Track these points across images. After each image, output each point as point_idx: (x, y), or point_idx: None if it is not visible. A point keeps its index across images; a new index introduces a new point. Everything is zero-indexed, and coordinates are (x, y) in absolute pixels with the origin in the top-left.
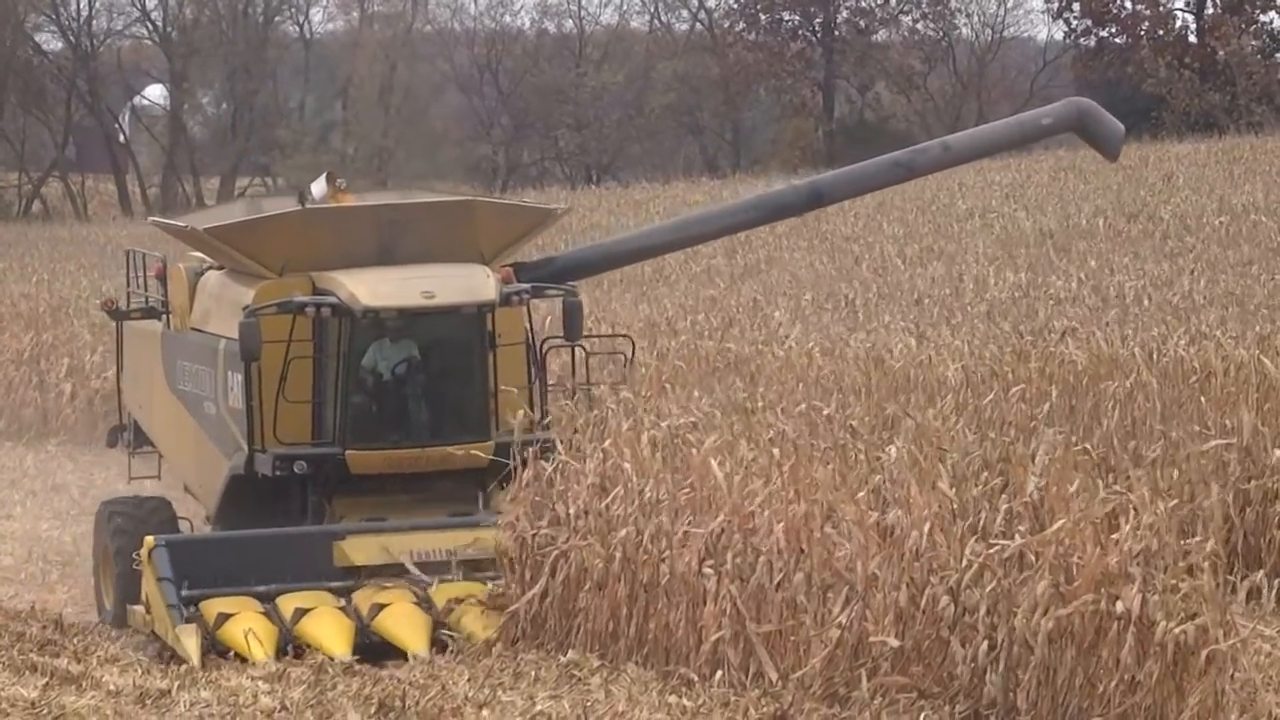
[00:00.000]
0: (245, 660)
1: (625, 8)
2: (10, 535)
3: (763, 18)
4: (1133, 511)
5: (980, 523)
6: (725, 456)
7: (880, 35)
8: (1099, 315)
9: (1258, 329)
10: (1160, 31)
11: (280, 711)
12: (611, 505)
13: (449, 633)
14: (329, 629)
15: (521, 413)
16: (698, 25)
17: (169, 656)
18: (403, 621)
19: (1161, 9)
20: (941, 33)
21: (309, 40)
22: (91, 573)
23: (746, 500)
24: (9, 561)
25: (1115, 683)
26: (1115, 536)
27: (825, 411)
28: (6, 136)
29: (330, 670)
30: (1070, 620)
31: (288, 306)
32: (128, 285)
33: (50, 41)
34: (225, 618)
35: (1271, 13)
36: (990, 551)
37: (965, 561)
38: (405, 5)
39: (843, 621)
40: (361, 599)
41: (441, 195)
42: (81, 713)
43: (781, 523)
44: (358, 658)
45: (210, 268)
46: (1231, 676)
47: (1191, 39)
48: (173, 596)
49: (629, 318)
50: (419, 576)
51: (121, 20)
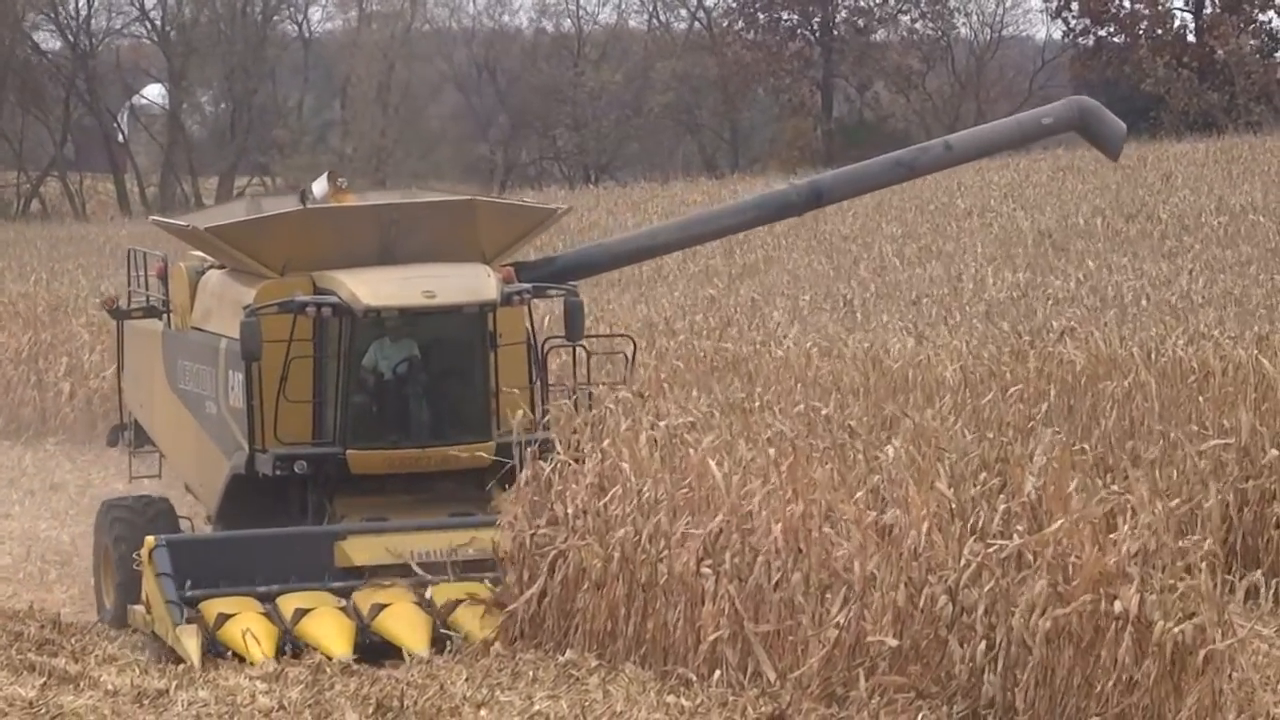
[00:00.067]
0: (243, 660)
1: (623, 7)
2: (8, 534)
3: (761, 17)
4: (1131, 511)
5: (978, 523)
6: (723, 456)
7: (879, 35)
8: (1097, 315)
9: (1256, 329)
10: (1159, 31)
11: (278, 711)
12: (610, 505)
13: (447, 632)
14: (329, 629)
15: (520, 413)
16: (696, 24)
17: (167, 656)
18: (403, 622)
19: (1160, 8)
20: (940, 32)
21: (307, 40)
22: (89, 572)
23: (745, 500)
24: (7, 561)
25: (1113, 682)
26: (1113, 536)
27: (823, 411)
28: (5, 135)
29: (328, 670)
30: (1068, 620)
31: (289, 306)
32: (129, 284)
33: (49, 40)
34: (225, 618)
35: (1270, 12)
36: (988, 551)
37: (963, 561)
38: (403, 4)
39: (841, 621)
40: (362, 599)
41: (443, 195)
42: (79, 712)
43: (779, 522)
44: (356, 657)
45: (211, 267)
46: (1229, 676)
47: (1190, 38)
48: (173, 596)
49: (627, 317)
50: (426, 578)
51: (120, 19)
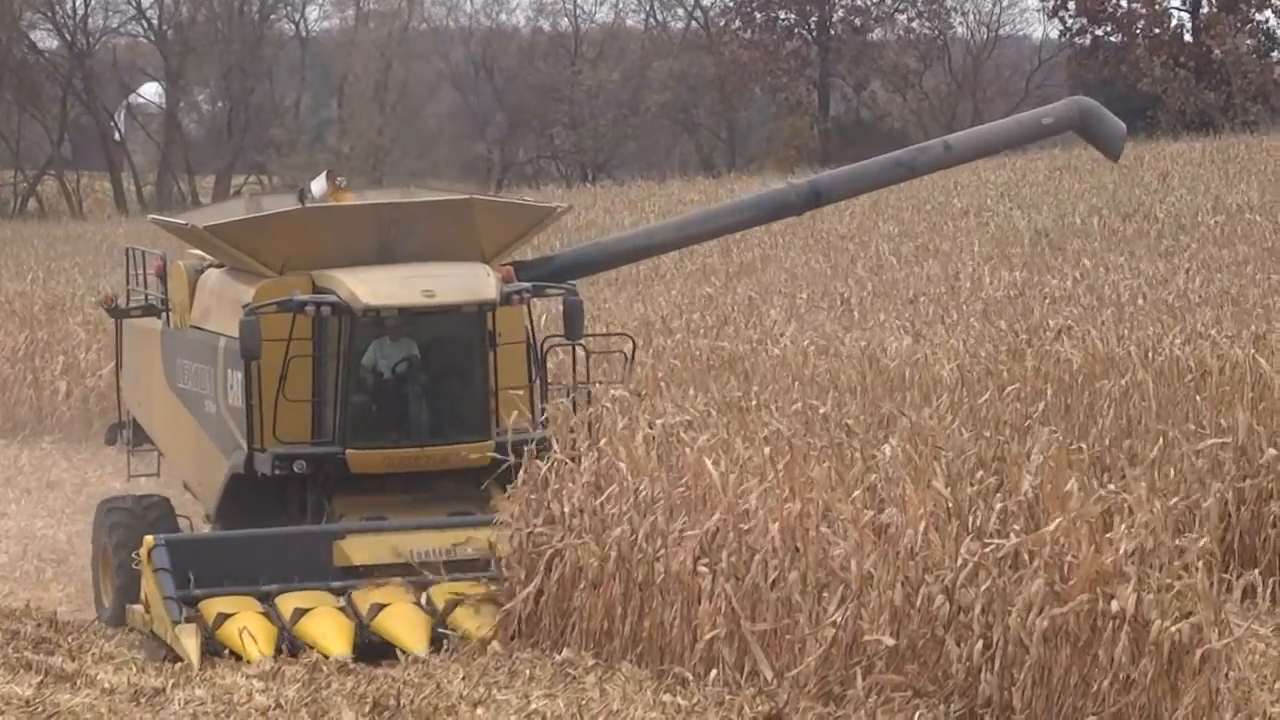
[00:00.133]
0: (241, 659)
1: (620, 6)
2: (5, 533)
3: (758, 16)
4: (1128, 511)
5: (975, 522)
6: (720, 455)
7: (876, 34)
8: (1094, 314)
9: (1253, 328)
10: (1156, 30)
11: (275, 709)
12: (606, 504)
13: (444, 631)
14: (329, 629)
15: (515, 413)
16: (693, 23)
17: (164, 655)
18: (402, 621)
19: (1157, 8)
20: (937, 31)
21: (304, 38)
22: (86, 570)
23: (741, 499)
24: (3, 559)
25: (1110, 682)
26: (1110, 536)
27: (820, 410)
28: (2, 134)
29: (325, 669)
30: (1065, 619)
31: (288, 305)
32: (127, 283)
33: (46, 39)
34: (224, 617)
35: (1267, 11)
36: (985, 550)
37: (960, 560)
38: (401, 3)
39: (838, 620)
40: (361, 599)
41: (442, 194)
42: (76, 711)
43: (776, 521)
44: (353, 657)
45: (210, 266)
46: (1226, 675)
47: (1187, 38)
48: (172, 596)
49: (624, 316)
50: (424, 578)
51: (117, 18)
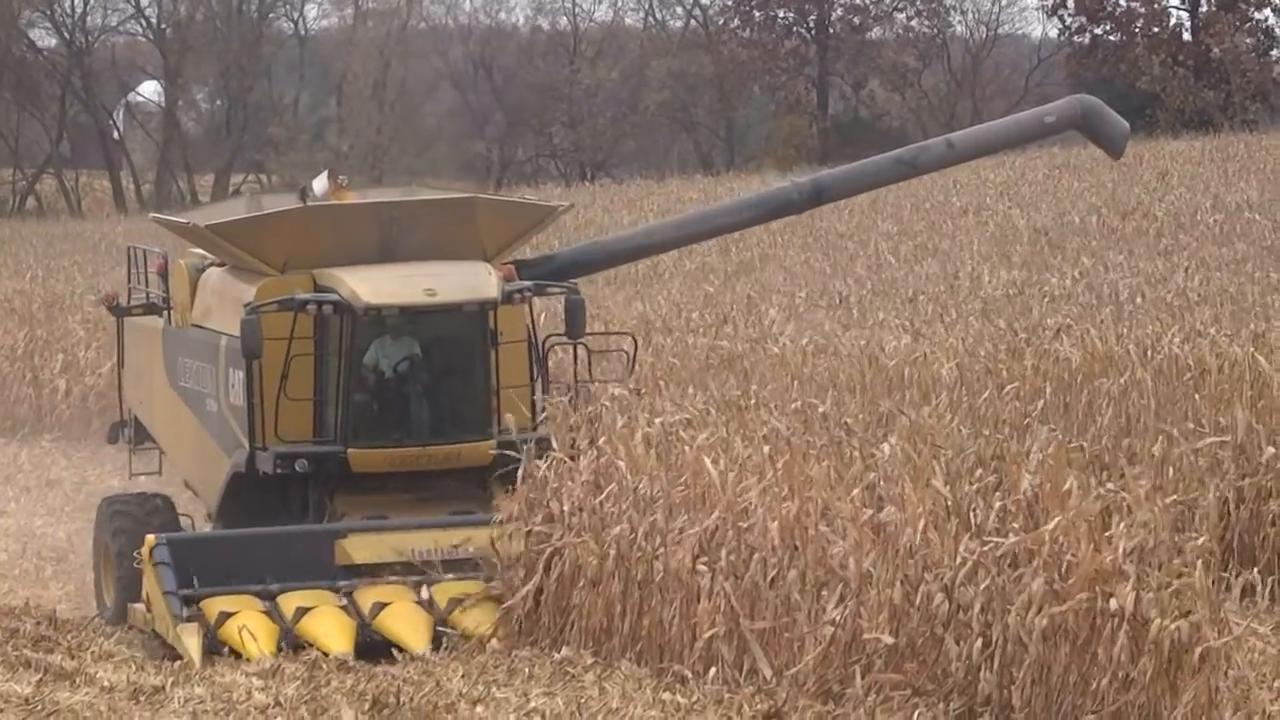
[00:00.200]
0: (240, 657)
1: (619, 5)
2: (4, 531)
3: (757, 15)
4: (1127, 509)
5: (974, 520)
6: (719, 454)
7: (874, 32)
8: (1093, 313)
9: (1252, 326)
10: (1155, 29)
11: (274, 707)
12: (606, 502)
13: (443, 630)
14: (330, 628)
15: (513, 414)
16: (692, 22)
17: (164, 653)
18: (403, 620)
19: (1156, 6)
20: (936, 30)
21: (303, 37)
22: (85, 568)
23: (740, 497)
24: (3, 557)
25: (1109, 680)
26: (1109, 534)
27: (820, 409)
28: (0, 133)
29: (324, 666)
30: (1064, 618)
31: (289, 304)
32: (128, 281)
33: (44, 38)
34: (226, 616)
35: (1266, 10)
36: (984, 549)
37: (959, 559)
38: (399, 2)
39: (837, 618)
40: (363, 598)
41: (443, 192)
42: (75, 709)
43: (776, 520)
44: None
45: (212, 264)
46: (1225, 674)
47: (1186, 36)
48: (174, 595)
49: (623, 315)
50: (423, 577)
51: (116, 17)
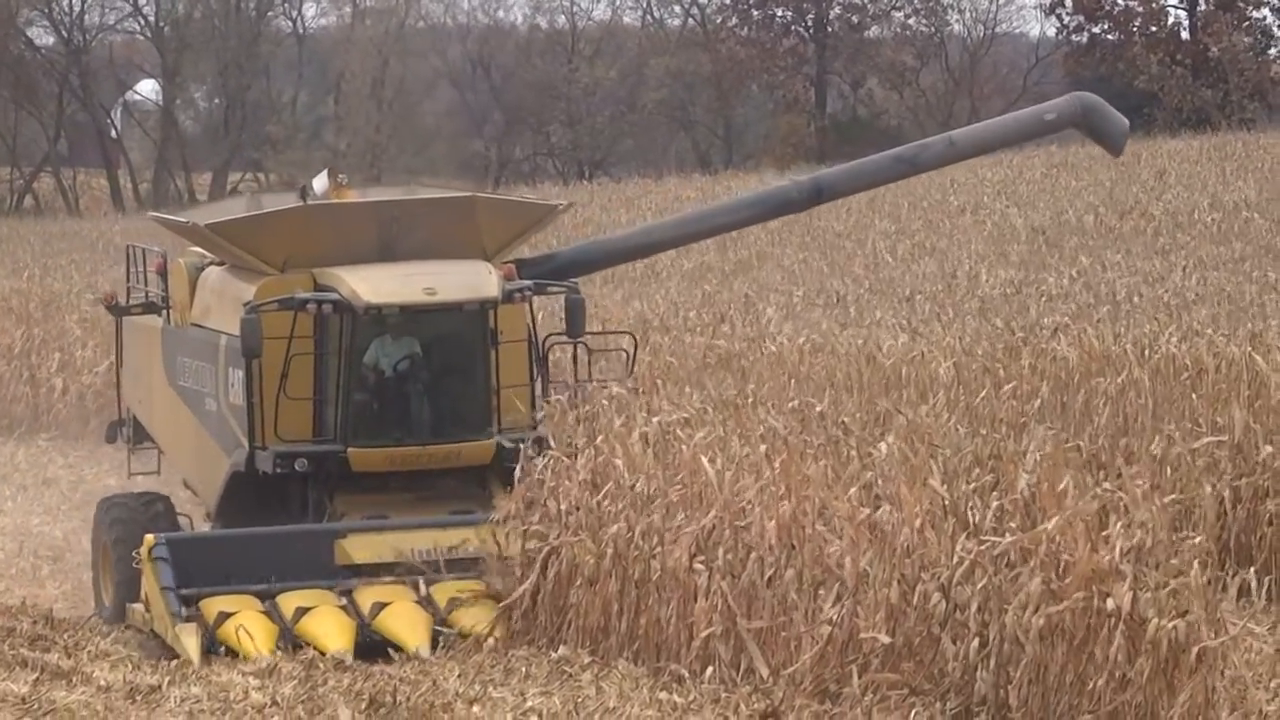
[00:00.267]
0: (237, 656)
1: (618, 3)
2: (1, 530)
3: (755, 13)
4: (1124, 509)
5: (971, 520)
6: (716, 453)
7: (872, 31)
8: (1090, 312)
9: (1249, 326)
10: (1153, 28)
11: (271, 707)
12: (603, 501)
13: (441, 629)
14: (330, 628)
15: (511, 411)
16: (690, 21)
17: (161, 652)
18: (403, 620)
19: (1154, 5)
20: (934, 29)
21: (301, 35)
22: (82, 568)
23: (738, 496)
24: (0, 556)
25: (1106, 680)
26: (1106, 534)
27: (817, 408)
28: None
29: (321, 666)
30: (1061, 617)
31: (289, 303)
32: (128, 280)
33: (42, 36)
34: (225, 616)
35: (1264, 9)
36: (981, 548)
37: (956, 558)
38: (398, 0)
39: (834, 618)
40: (362, 597)
41: (443, 191)
42: (72, 708)
43: (773, 519)
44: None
45: (211, 263)
46: (1222, 673)
47: (1184, 35)
48: (172, 595)
49: (620, 314)
50: (423, 576)
51: (114, 15)
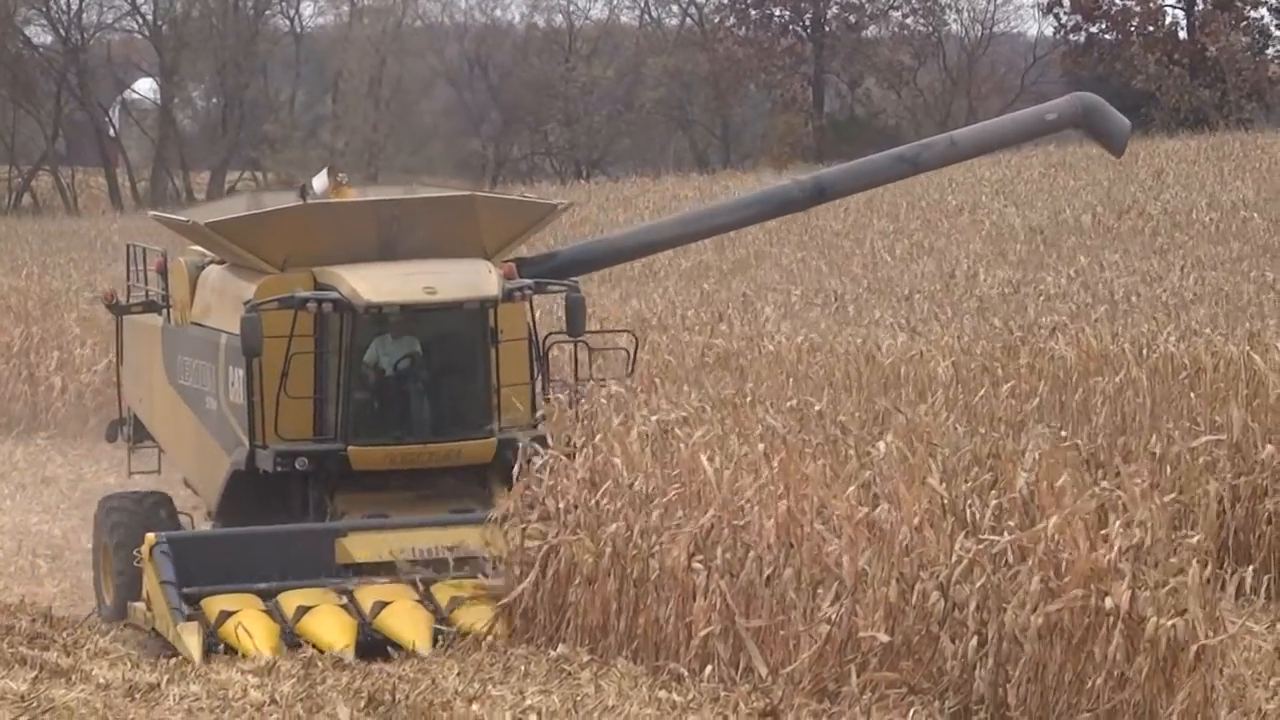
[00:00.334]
0: (237, 654)
1: (615, 3)
2: (0, 529)
3: (753, 13)
4: (1122, 507)
5: (970, 518)
6: (715, 451)
7: (870, 31)
8: (1089, 311)
9: (1247, 325)
10: (1150, 28)
11: (270, 705)
12: (601, 500)
13: (441, 628)
14: (331, 627)
15: (515, 410)
16: (688, 20)
17: (161, 650)
18: (405, 619)
19: (1151, 5)
20: (931, 28)
21: (299, 34)
22: (81, 566)
23: (736, 495)
24: None
25: (1104, 678)
26: (1105, 532)
27: (815, 407)
28: None
29: (320, 664)
30: (1060, 616)
31: (289, 302)
32: (128, 279)
33: (40, 35)
34: (226, 615)
35: (1261, 9)
36: (980, 547)
37: (955, 557)
38: (395, 0)
39: (832, 617)
40: (364, 596)
41: (444, 190)
42: (71, 706)
43: (771, 518)
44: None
45: (211, 262)
46: (1221, 672)
47: (1181, 35)
48: (174, 594)
49: (619, 313)
50: (423, 575)
51: (112, 14)
